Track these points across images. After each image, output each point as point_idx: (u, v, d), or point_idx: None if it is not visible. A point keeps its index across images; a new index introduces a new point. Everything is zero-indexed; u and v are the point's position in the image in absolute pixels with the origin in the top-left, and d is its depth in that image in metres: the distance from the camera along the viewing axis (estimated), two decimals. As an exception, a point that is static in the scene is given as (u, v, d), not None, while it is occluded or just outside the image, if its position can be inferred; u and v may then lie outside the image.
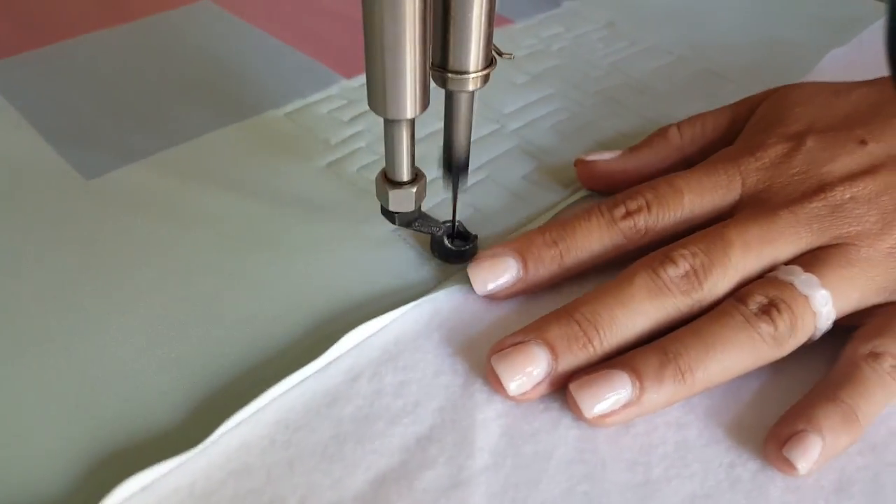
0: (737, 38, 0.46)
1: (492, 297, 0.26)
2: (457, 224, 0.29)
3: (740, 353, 0.23)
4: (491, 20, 0.23)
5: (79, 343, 0.25)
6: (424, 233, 0.29)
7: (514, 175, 0.34)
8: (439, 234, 0.28)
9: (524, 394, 0.23)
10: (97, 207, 0.30)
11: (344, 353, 0.25)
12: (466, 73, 0.24)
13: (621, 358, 0.23)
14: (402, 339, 0.25)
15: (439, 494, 0.21)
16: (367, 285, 0.28)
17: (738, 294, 0.24)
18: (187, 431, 0.23)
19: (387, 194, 0.26)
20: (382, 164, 0.32)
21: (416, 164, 0.26)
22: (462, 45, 0.23)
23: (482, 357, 0.25)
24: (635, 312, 0.23)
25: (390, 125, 0.24)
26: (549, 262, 0.25)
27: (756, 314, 0.23)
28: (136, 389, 0.24)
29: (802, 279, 0.23)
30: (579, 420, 0.23)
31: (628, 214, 0.26)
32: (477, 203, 0.32)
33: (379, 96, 0.23)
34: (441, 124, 0.27)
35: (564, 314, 0.24)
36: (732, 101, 0.40)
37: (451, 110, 0.25)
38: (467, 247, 0.28)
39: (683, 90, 0.41)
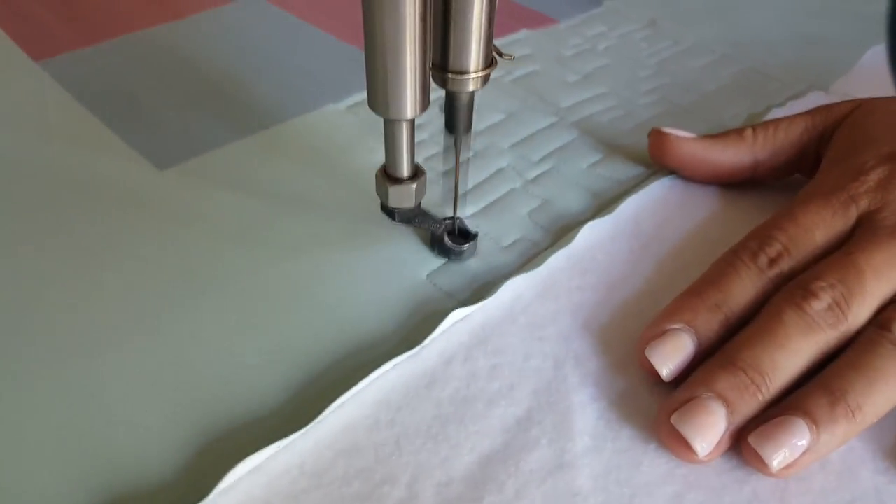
0: (775, 35, 0.47)
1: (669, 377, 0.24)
2: (457, 221, 0.28)
3: None
4: (491, 20, 0.23)
5: (171, 329, 0.25)
6: (424, 230, 0.28)
7: (580, 165, 0.34)
8: (439, 231, 0.28)
9: (710, 454, 0.22)
10: (172, 196, 0.31)
11: (436, 337, 0.25)
12: (467, 73, 0.24)
13: (790, 402, 0.22)
14: (489, 324, 0.26)
15: (546, 475, 0.21)
16: (451, 270, 0.28)
17: (880, 321, 0.23)
18: (288, 413, 0.23)
19: (386, 191, 0.26)
20: (448, 154, 0.33)
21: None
22: (462, 45, 0.23)
23: (568, 341, 0.25)
24: (793, 353, 0.23)
25: (390, 124, 0.24)
26: (718, 326, 0.24)
27: None
28: (233, 372, 0.24)
29: None
30: (759, 473, 0.22)
31: (772, 262, 0.25)
32: (545, 194, 0.32)
33: (379, 96, 0.23)
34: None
35: (727, 364, 0.23)
36: (777, 99, 0.41)
37: (451, 110, 0.25)
38: (467, 244, 0.28)
39: (730, 89, 0.41)
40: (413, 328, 0.26)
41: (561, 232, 0.30)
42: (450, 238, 0.28)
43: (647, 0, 0.51)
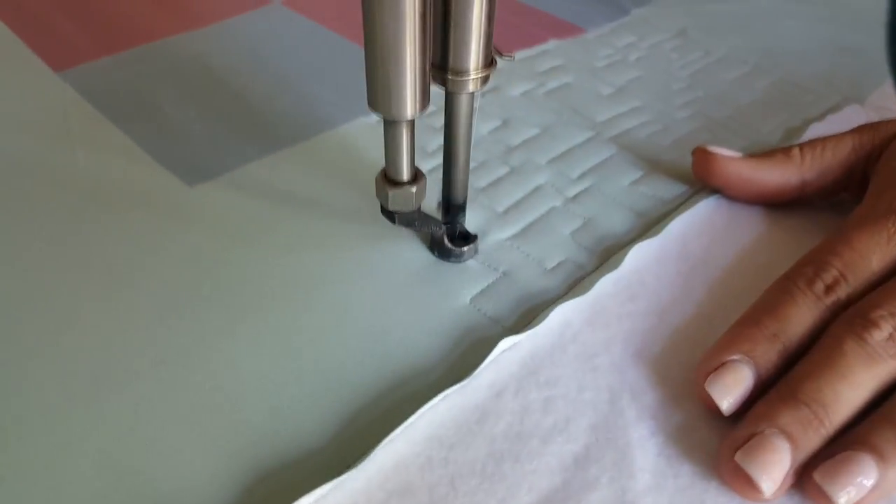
0: (806, 45, 0.46)
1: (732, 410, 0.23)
2: (457, 223, 0.28)
3: None
4: (491, 20, 0.23)
5: (208, 358, 0.24)
6: (425, 232, 0.28)
7: (621, 183, 0.33)
8: (439, 233, 0.28)
9: (775, 492, 0.21)
10: (204, 214, 0.30)
11: (483, 367, 0.24)
12: (467, 73, 0.23)
13: (855, 437, 0.21)
14: (538, 354, 0.25)
15: (609, 516, 0.20)
16: (495, 294, 0.27)
17: None
18: (336, 447, 0.22)
19: (386, 194, 0.26)
20: (484, 170, 0.32)
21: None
22: (462, 45, 0.23)
23: (622, 371, 0.24)
24: (855, 385, 0.22)
25: (390, 125, 0.24)
26: (776, 357, 0.24)
27: None
28: (276, 404, 0.23)
29: None
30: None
31: (829, 289, 0.24)
32: (587, 213, 0.31)
33: (379, 96, 0.22)
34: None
35: (789, 397, 0.22)
36: (813, 111, 0.40)
37: (451, 111, 0.25)
38: (467, 246, 0.28)
39: (765, 102, 0.40)
40: (460, 357, 0.25)
41: (606, 253, 0.29)
42: (450, 240, 0.28)
43: (675, 8, 0.50)
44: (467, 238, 0.28)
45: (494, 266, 0.28)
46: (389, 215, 0.27)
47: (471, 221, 0.30)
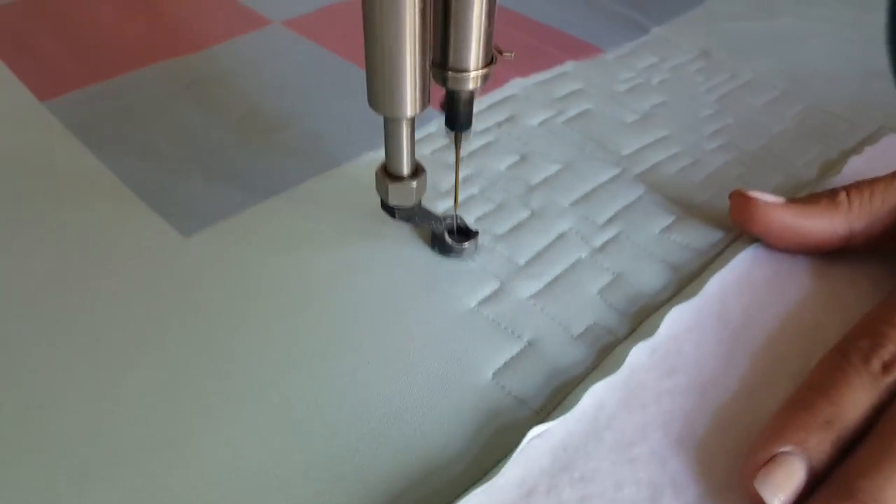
0: (835, 68, 0.43)
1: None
2: (457, 219, 0.28)
3: None
4: (491, 18, 0.23)
5: (207, 443, 0.22)
6: (425, 228, 0.28)
7: (652, 230, 0.30)
8: (440, 229, 0.28)
9: None
10: (199, 270, 0.27)
11: (511, 461, 0.21)
12: (467, 71, 0.23)
13: None
14: (571, 444, 0.22)
15: None
16: (519, 369, 0.25)
17: None
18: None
19: (386, 188, 0.26)
20: (503, 213, 0.30)
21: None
22: (462, 43, 0.23)
23: (663, 462, 0.22)
24: None
25: (390, 123, 0.24)
26: (830, 447, 0.21)
27: None
28: (282, 503, 0.20)
29: None
30: None
31: (887, 367, 0.22)
32: (616, 266, 0.29)
33: (379, 95, 0.23)
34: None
35: (846, 496, 0.20)
36: (848, 141, 0.37)
37: (451, 108, 0.25)
38: (468, 242, 0.28)
39: (798, 131, 0.38)
40: (484, 446, 0.22)
41: (638, 315, 0.27)
42: (450, 236, 0.28)
43: (695, 27, 0.47)
44: (468, 233, 0.28)
45: (518, 333, 0.26)
46: (389, 210, 0.26)
47: (489, 270, 0.28)
